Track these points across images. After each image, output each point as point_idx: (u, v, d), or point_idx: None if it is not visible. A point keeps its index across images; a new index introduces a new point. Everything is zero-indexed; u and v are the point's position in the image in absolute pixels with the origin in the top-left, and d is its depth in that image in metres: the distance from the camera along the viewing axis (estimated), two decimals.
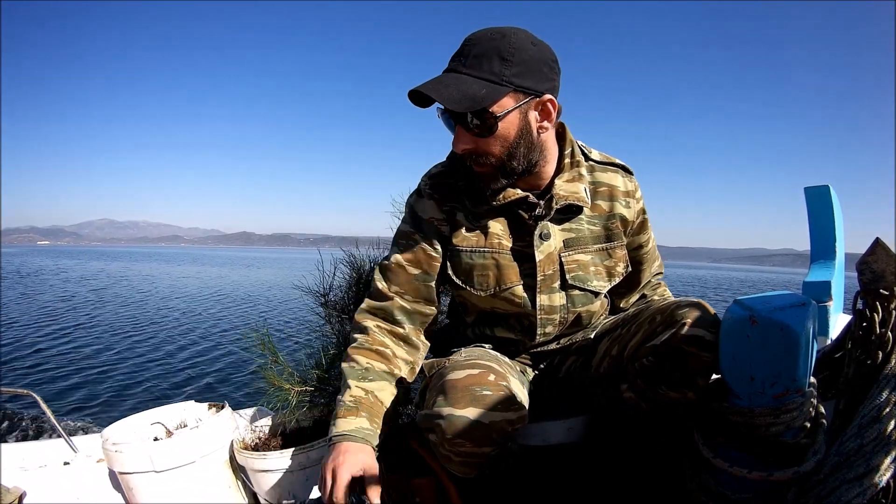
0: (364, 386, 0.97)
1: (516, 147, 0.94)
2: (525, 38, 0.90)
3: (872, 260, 0.89)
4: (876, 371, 0.86)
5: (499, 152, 0.93)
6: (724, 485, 0.90)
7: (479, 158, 0.95)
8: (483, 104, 0.87)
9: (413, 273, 1.06)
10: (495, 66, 0.87)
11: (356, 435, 0.90)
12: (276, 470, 1.07)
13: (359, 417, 0.92)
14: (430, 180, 1.08)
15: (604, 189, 1.08)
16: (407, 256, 1.06)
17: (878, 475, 0.72)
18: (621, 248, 1.10)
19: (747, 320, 0.80)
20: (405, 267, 1.06)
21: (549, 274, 1.03)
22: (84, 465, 1.23)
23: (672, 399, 0.95)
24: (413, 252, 1.06)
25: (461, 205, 1.06)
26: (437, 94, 0.87)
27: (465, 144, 0.94)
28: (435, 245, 1.06)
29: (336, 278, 1.52)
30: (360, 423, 0.92)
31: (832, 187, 1.52)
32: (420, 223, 1.07)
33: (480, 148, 0.93)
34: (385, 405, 0.98)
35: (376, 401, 0.96)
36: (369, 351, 1.01)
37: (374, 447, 0.91)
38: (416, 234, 1.06)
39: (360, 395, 0.95)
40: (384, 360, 1.01)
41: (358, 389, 0.96)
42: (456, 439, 0.83)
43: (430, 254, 1.06)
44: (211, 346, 8.63)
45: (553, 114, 0.95)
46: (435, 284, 1.08)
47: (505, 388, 0.88)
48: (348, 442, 0.88)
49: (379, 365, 1.00)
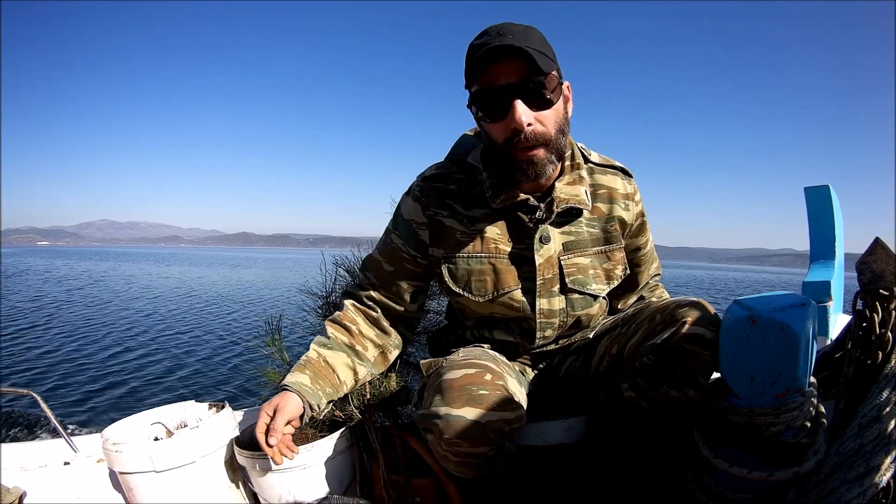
0: (320, 351, 1.06)
1: (564, 123, 0.95)
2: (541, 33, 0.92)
3: (872, 260, 0.89)
4: (876, 371, 0.86)
5: (554, 127, 0.92)
6: (723, 485, 0.90)
7: (538, 135, 0.90)
8: (554, 67, 0.88)
9: (387, 270, 1.11)
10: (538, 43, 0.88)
11: (291, 387, 0.99)
12: (277, 470, 1.07)
13: (303, 374, 1.02)
14: (422, 182, 1.07)
15: (603, 192, 1.07)
16: (383, 253, 1.12)
17: (878, 475, 0.72)
18: (620, 250, 1.10)
19: (747, 320, 0.80)
20: (381, 263, 1.12)
21: (548, 278, 1.03)
22: (84, 465, 1.23)
23: (673, 398, 0.95)
24: (389, 250, 1.11)
25: (451, 210, 1.04)
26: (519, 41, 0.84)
27: (528, 117, 0.88)
28: (407, 247, 1.08)
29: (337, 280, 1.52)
30: (301, 378, 1.01)
31: (832, 187, 1.52)
32: (399, 223, 1.10)
33: (541, 121, 0.90)
34: (335, 371, 1.05)
35: (326, 365, 1.05)
36: (338, 325, 1.10)
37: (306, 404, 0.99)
38: (393, 232, 1.11)
39: (313, 357, 1.05)
40: (348, 335, 1.09)
41: (313, 352, 1.06)
42: (453, 439, 0.83)
43: (401, 254, 1.09)
44: (211, 345, 8.64)
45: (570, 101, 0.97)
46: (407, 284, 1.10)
47: (502, 387, 0.88)
48: (286, 391, 0.99)
49: (342, 338, 1.08)
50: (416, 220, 1.07)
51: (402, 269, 1.10)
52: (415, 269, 1.10)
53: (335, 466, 1.12)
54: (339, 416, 1.18)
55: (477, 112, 0.93)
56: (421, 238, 1.07)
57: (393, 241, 1.10)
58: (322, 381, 1.03)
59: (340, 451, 1.13)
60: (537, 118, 0.89)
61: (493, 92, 0.88)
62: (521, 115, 0.87)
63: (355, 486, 1.18)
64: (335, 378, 1.05)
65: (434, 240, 1.06)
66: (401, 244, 1.09)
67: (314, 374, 1.03)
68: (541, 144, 0.91)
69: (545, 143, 0.91)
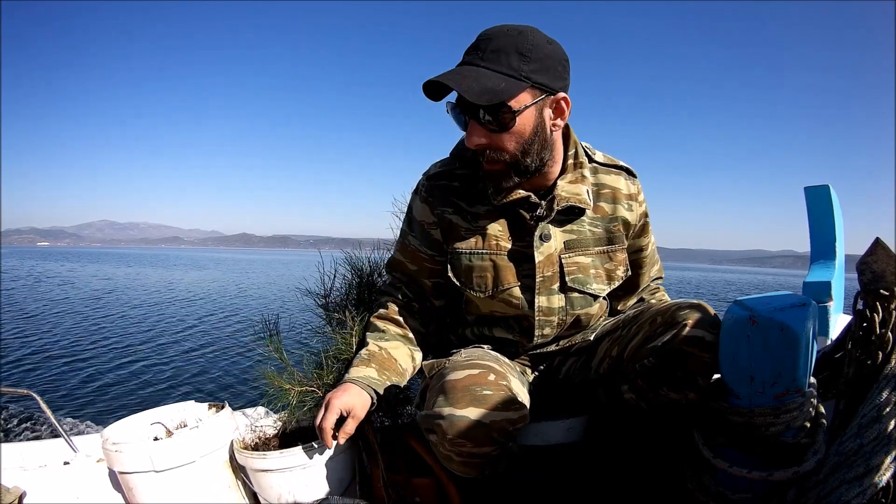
0: (379, 343, 1.07)
1: (531, 144, 0.93)
2: (541, 37, 0.90)
3: (872, 260, 0.88)
4: (876, 371, 0.86)
5: (514, 149, 0.92)
6: (723, 485, 0.90)
7: (492, 155, 0.93)
8: (502, 98, 0.87)
9: (412, 269, 1.13)
10: (514, 61, 0.87)
11: (362, 381, 0.99)
12: (277, 470, 1.07)
13: (369, 368, 1.02)
14: (427, 181, 1.09)
15: (607, 191, 1.07)
16: (404, 253, 1.14)
17: (877, 475, 0.72)
18: (622, 251, 1.10)
19: (747, 320, 0.80)
20: (404, 263, 1.14)
21: (548, 275, 1.03)
22: (84, 465, 1.23)
23: (673, 400, 0.95)
24: (409, 251, 1.13)
25: (456, 207, 1.06)
26: (457, 84, 0.85)
27: (479, 139, 0.92)
28: (424, 247, 1.10)
29: (336, 280, 1.52)
30: (369, 372, 1.01)
31: (832, 187, 1.51)
32: (413, 225, 1.12)
33: (495, 143, 0.92)
34: (397, 361, 1.06)
35: (389, 356, 1.05)
36: (386, 319, 1.11)
37: (375, 396, 1.00)
38: (409, 234, 1.13)
39: (374, 349, 1.05)
40: (399, 327, 1.11)
41: (374, 346, 1.06)
42: (457, 439, 0.83)
43: (419, 254, 1.11)
44: (211, 345, 8.64)
45: (566, 112, 0.95)
46: (430, 282, 1.13)
47: (505, 387, 0.88)
48: (352, 383, 0.98)
49: (395, 329, 1.10)
50: (426, 220, 1.09)
51: (424, 269, 1.12)
52: (435, 267, 1.12)
53: (335, 466, 1.12)
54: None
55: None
56: (434, 237, 1.09)
57: (410, 242, 1.12)
58: (388, 372, 1.04)
59: (340, 450, 1.13)
60: (493, 140, 0.91)
61: (455, 107, 0.93)
62: (471, 136, 0.92)
63: (355, 486, 1.18)
64: (399, 367, 1.06)
65: (445, 237, 1.08)
66: (418, 245, 1.11)
67: (380, 366, 1.03)
68: (498, 161, 0.93)
69: (501, 161, 0.93)
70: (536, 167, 0.96)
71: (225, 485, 1.16)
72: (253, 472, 1.11)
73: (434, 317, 1.17)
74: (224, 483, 1.16)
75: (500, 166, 0.94)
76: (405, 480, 1.12)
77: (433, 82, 0.87)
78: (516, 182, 0.97)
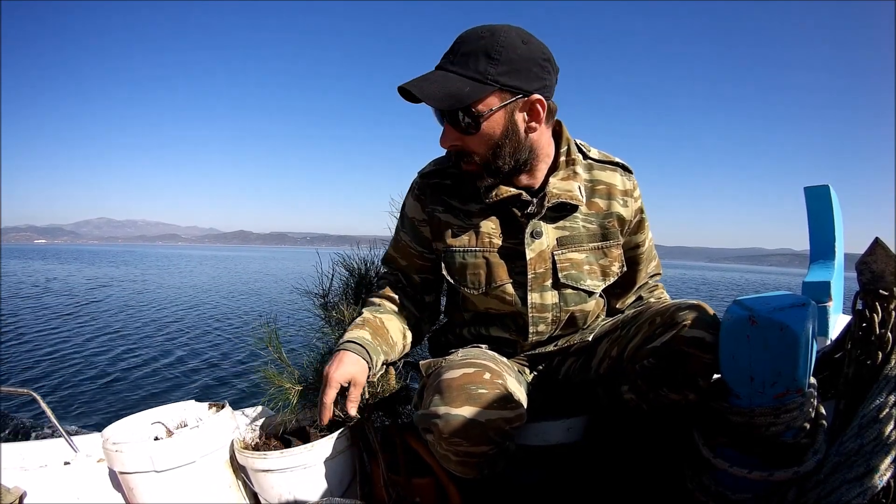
0: (373, 313, 1.08)
1: (501, 147, 0.94)
2: (515, 37, 0.89)
3: (872, 260, 0.88)
4: (876, 371, 0.86)
5: (483, 151, 0.94)
6: (723, 485, 0.90)
7: (464, 156, 0.97)
8: (465, 102, 0.88)
9: (403, 264, 1.17)
10: (481, 64, 0.88)
11: (356, 342, 0.98)
12: (277, 470, 1.07)
13: (363, 330, 1.02)
14: (421, 180, 1.11)
15: (602, 187, 1.07)
16: (396, 249, 1.18)
17: (878, 475, 0.72)
18: (617, 247, 1.10)
19: (747, 320, 0.80)
20: (397, 258, 1.18)
21: (540, 272, 1.03)
22: (84, 465, 1.23)
23: (673, 400, 0.95)
24: (400, 247, 1.17)
25: (447, 205, 1.07)
26: (420, 90, 0.88)
27: (450, 141, 0.96)
28: (414, 244, 1.13)
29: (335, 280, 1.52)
30: (363, 334, 1.01)
31: (832, 187, 1.52)
32: (405, 221, 1.15)
33: (466, 145, 0.95)
34: (390, 332, 1.06)
35: (382, 325, 1.06)
36: (381, 297, 1.13)
37: (370, 360, 0.98)
38: (402, 230, 1.16)
39: (368, 317, 1.06)
40: (393, 303, 1.12)
41: (368, 314, 1.07)
42: (453, 438, 0.84)
43: (410, 250, 1.14)
44: (211, 345, 8.64)
45: (542, 114, 0.94)
46: (419, 277, 1.16)
47: (501, 386, 0.88)
48: (346, 351, 0.96)
49: (389, 304, 1.12)
50: (417, 217, 1.12)
51: (414, 264, 1.16)
52: (423, 263, 1.15)
53: (335, 466, 1.12)
54: (338, 416, 1.18)
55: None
56: (424, 234, 1.11)
57: (402, 238, 1.16)
58: (380, 338, 1.04)
59: (340, 450, 1.13)
60: (464, 141, 0.94)
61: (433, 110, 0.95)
62: (443, 138, 0.96)
63: (355, 485, 1.18)
64: (390, 338, 1.06)
65: (435, 235, 1.10)
66: (409, 241, 1.14)
67: (373, 331, 1.03)
68: (471, 163, 0.97)
69: (473, 162, 0.96)
70: (512, 168, 0.98)
71: (225, 485, 1.16)
72: (253, 472, 1.11)
73: (427, 307, 1.20)
74: (224, 483, 1.16)
75: (473, 167, 0.97)
76: (405, 480, 1.12)
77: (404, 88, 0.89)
78: (490, 182, 0.99)
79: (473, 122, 0.91)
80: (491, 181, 0.99)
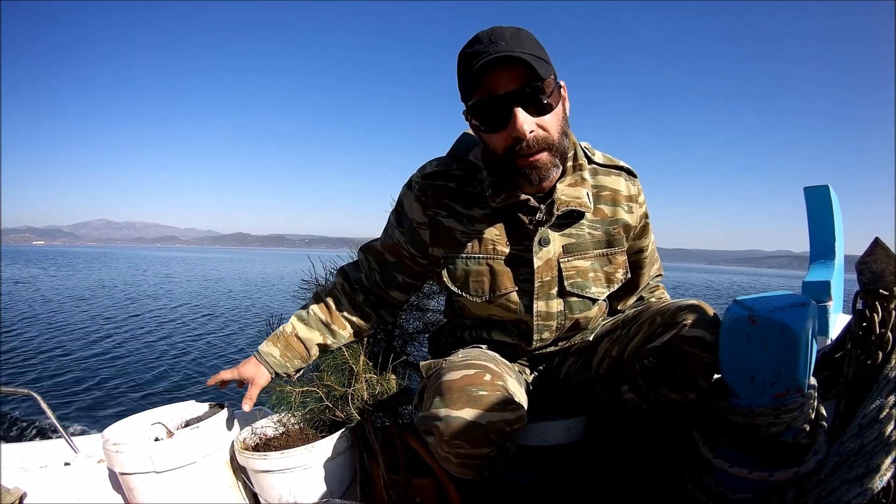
0: (296, 325, 1.18)
1: (565, 124, 0.93)
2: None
3: (872, 260, 0.88)
4: (876, 371, 0.86)
5: (557, 130, 0.90)
6: (724, 485, 0.90)
7: (540, 141, 0.89)
8: (552, 70, 0.88)
9: (389, 260, 1.15)
10: (532, 45, 0.86)
11: (260, 356, 1.16)
12: (277, 470, 1.07)
13: (274, 347, 1.16)
14: (422, 180, 1.05)
15: (607, 193, 1.05)
16: (386, 245, 1.14)
17: (878, 475, 0.72)
18: (622, 253, 1.08)
19: (747, 320, 0.80)
20: (384, 254, 1.15)
21: (546, 280, 1.01)
22: (85, 466, 1.23)
23: (673, 400, 0.95)
24: (391, 243, 1.13)
25: (450, 210, 1.03)
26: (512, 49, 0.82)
27: (531, 125, 0.86)
28: (408, 245, 1.09)
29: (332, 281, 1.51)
30: (272, 350, 1.16)
31: (832, 187, 1.51)
32: (402, 220, 1.10)
33: (543, 126, 0.88)
34: (306, 346, 1.17)
35: (297, 340, 1.17)
36: (321, 302, 1.19)
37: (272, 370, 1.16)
38: (396, 228, 1.11)
39: (287, 330, 1.17)
40: (327, 313, 1.18)
41: (290, 326, 1.18)
42: (454, 441, 0.83)
43: (401, 250, 1.11)
44: (211, 345, 8.64)
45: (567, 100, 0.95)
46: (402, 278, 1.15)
47: (501, 387, 0.88)
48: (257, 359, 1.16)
49: (320, 315, 1.18)
50: (416, 219, 1.06)
51: (402, 264, 1.13)
52: (413, 266, 1.12)
53: (335, 467, 1.12)
54: (339, 417, 1.18)
55: (476, 123, 0.92)
56: (421, 238, 1.07)
57: (395, 236, 1.11)
58: (290, 354, 1.16)
59: (340, 451, 1.13)
60: (539, 124, 0.87)
61: (492, 102, 0.86)
62: (522, 124, 0.85)
63: (355, 486, 1.18)
64: (305, 352, 1.18)
65: (434, 240, 1.05)
66: (403, 241, 1.09)
67: (285, 346, 1.16)
68: (544, 149, 0.89)
69: (548, 147, 0.90)
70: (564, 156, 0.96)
71: (226, 485, 1.16)
72: (254, 473, 1.11)
73: (385, 304, 1.22)
74: (225, 484, 1.16)
75: (542, 155, 0.90)
76: (405, 481, 1.12)
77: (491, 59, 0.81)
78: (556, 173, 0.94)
79: (551, 97, 0.87)
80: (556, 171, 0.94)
